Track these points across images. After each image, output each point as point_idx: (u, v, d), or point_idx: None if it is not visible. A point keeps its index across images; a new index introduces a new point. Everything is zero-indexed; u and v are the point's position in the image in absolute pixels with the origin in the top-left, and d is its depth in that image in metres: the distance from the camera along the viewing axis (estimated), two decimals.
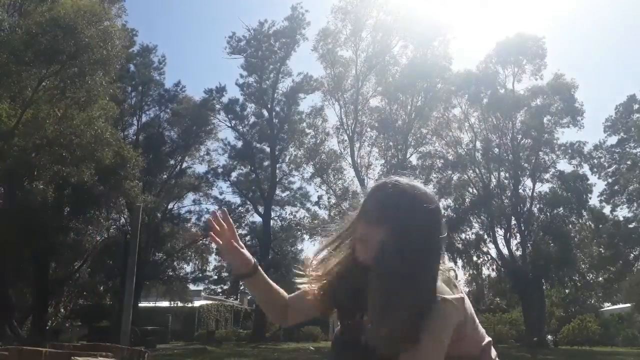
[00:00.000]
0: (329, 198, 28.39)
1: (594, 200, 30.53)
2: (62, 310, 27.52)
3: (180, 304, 30.63)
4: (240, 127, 31.98)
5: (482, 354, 1.43)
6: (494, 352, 1.46)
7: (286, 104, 31.87)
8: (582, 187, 28.08)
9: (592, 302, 36.54)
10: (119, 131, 23.92)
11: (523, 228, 27.15)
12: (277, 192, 31.98)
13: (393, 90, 25.44)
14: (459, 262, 27.76)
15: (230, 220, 1.45)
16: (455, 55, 51.47)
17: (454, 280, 1.36)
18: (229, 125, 31.61)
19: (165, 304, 31.07)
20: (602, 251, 31.95)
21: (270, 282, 1.56)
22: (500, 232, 27.56)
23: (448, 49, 26.10)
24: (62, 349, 6.48)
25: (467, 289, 30.38)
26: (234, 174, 32.07)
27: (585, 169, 29.39)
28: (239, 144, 31.88)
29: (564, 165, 28.44)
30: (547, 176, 28.17)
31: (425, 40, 25.33)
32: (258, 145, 32.44)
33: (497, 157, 27.49)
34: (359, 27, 26.33)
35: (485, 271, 31.29)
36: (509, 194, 27.81)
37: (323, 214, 29.52)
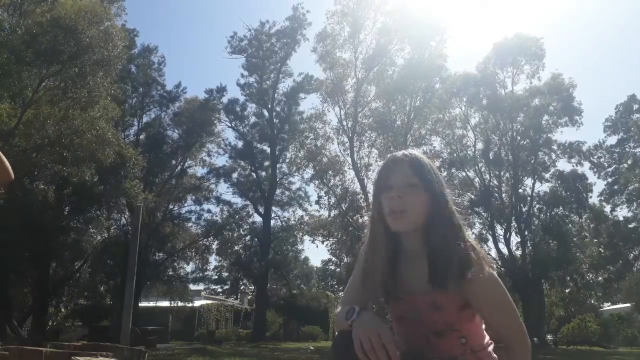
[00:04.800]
0: (329, 198, 28.37)
1: (593, 200, 30.56)
2: (63, 310, 27.52)
3: (180, 304, 30.63)
4: (241, 127, 32.06)
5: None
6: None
7: (286, 104, 31.93)
8: (582, 186, 28.11)
9: (592, 302, 36.51)
10: (120, 132, 23.94)
11: (523, 228, 27.16)
12: (277, 192, 32.03)
13: (392, 91, 25.42)
14: None
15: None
16: (454, 57, 51.45)
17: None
18: (230, 125, 31.70)
19: (165, 303, 31.08)
20: (602, 251, 31.97)
21: None
22: (500, 232, 27.61)
23: (444, 49, 26.09)
24: (63, 348, 6.50)
25: None
26: (234, 175, 32.15)
27: (585, 167, 29.43)
28: (240, 144, 31.99)
29: (564, 165, 28.50)
30: (546, 176, 28.22)
31: (423, 40, 25.31)
32: (258, 145, 32.52)
33: (496, 157, 27.50)
34: (356, 29, 26.31)
35: None
36: (509, 194, 27.83)
37: (324, 214, 29.51)
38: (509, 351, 1.54)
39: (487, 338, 1.57)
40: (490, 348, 1.56)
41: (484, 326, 1.57)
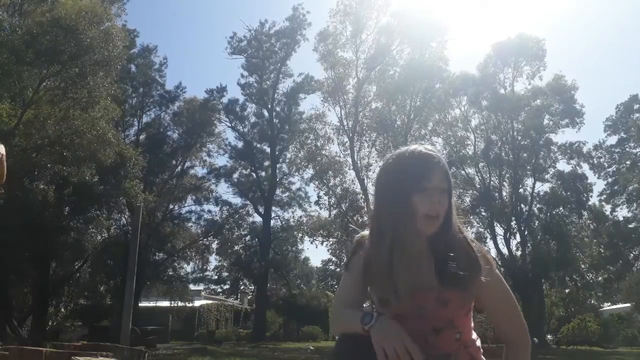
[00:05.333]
0: (329, 199, 28.37)
1: (594, 200, 30.55)
2: (63, 310, 27.51)
3: (180, 304, 30.64)
4: (241, 127, 32.08)
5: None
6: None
7: (286, 104, 31.94)
8: (582, 186, 28.11)
9: (592, 302, 36.49)
10: (120, 132, 23.94)
11: (523, 228, 27.15)
12: (277, 192, 32.04)
13: (392, 91, 25.42)
14: None
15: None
16: (454, 57, 51.51)
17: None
18: (230, 125, 31.71)
19: (165, 303, 31.08)
20: (602, 251, 31.95)
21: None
22: (500, 232, 27.60)
23: (445, 51, 26.10)
24: (63, 348, 6.50)
25: None
26: (234, 175, 32.16)
27: (585, 168, 29.42)
28: (240, 144, 32.00)
29: (564, 165, 28.48)
30: (547, 176, 28.20)
31: (424, 41, 25.30)
32: (258, 145, 32.52)
33: (497, 157, 27.50)
34: (358, 29, 26.30)
35: None
36: (510, 194, 27.82)
37: (323, 214, 29.51)
38: (510, 348, 1.58)
39: (475, 333, 1.59)
40: (478, 343, 1.57)
41: (472, 324, 1.58)
